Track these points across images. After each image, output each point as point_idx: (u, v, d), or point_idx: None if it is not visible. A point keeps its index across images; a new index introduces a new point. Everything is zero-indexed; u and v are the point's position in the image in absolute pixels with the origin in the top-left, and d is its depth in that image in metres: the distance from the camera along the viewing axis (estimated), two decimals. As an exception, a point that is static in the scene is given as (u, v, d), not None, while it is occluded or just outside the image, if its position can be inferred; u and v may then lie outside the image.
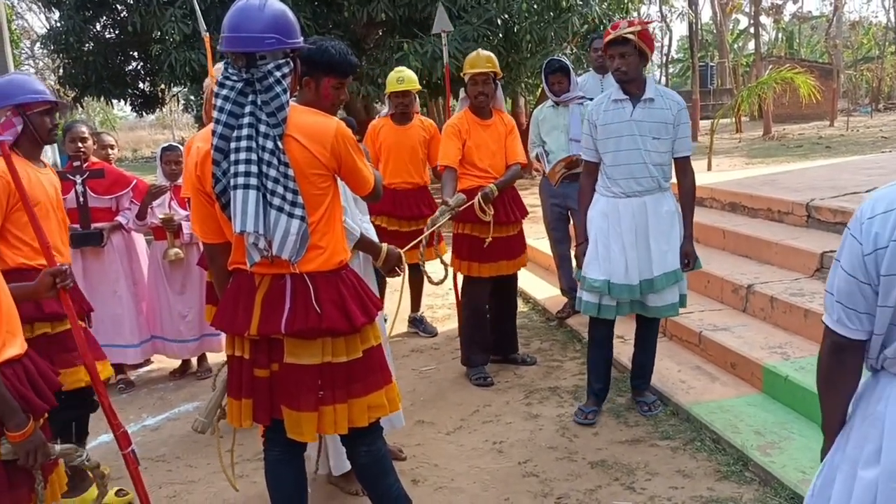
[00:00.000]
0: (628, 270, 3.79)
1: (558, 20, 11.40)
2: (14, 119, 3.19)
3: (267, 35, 2.36)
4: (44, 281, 2.66)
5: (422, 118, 5.60)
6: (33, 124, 3.23)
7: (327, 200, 2.50)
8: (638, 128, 3.74)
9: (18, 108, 3.19)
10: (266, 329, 2.45)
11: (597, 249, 3.85)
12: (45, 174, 3.37)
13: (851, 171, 7.46)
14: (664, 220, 3.82)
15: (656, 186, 3.80)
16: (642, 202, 3.79)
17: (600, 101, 3.89)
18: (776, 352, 4.13)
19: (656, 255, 3.79)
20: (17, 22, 29.46)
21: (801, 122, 29.87)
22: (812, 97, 13.84)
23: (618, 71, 3.73)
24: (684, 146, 3.85)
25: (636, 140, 3.74)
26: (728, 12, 35.23)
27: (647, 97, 3.76)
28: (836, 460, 1.79)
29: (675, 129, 3.78)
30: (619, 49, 3.69)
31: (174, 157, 5.04)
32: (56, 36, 13.72)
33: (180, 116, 42.25)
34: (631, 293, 3.82)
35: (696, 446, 3.65)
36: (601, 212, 3.86)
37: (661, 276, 3.81)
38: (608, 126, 3.79)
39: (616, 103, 3.80)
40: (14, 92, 3.20)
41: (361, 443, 2.68)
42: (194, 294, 5.11)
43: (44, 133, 3.28)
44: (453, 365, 5.11)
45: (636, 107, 3.76)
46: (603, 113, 3.82)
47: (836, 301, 1.69)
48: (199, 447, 4.02)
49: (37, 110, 3.22)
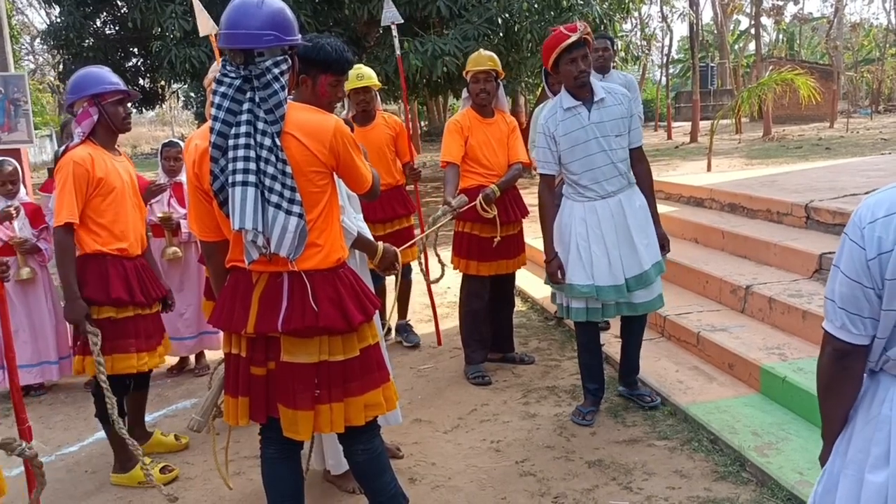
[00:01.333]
0: (612, 270, 3.81)
1: (559, 19, 11.41)
2: (90, 109, 3.43)
3: (265, 32, 2.35)
4: None
5: (384, 115, 5.29)
6: (107, 113, 3.46)
7: (325, 198, 2.49)
8: (599, 129, 3.77)
9: (94, 99, 3.42)
10: (263, 327, 2.45)
11: (579, 255, 3.84)
12: (121, 162, 3.61)
13: (851, 172, 7.46)
14: (640, 215, 3.87)
15: (626, 183, 3.86)
16: (618, 200, 3.83)
17: (552, 113, 3.86)
18: (774, 353, 4.13)
19: (641, 248, 3.83)
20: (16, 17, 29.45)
21: (801, 123, 29.90)
22: (812, 98, 13.82)
23: (582, 73, 3.72)
24: (637, 136, 3.92)
25: (600, 142, 3.77)
26: (729, 13, 35.24)
27: (598, 98, 3.79)
28: (836, 466, 1.78)
29: (630, 120, 3.84)
30: (581, 51, 3.71)
31: (174, 154, 5.04)
32: (56, 32, 13.73)
33: (180, 113, 42.25)
34: (617, 293, 3.83)
35: (694, 446, 3.65)
36: (579, 218, 3.85)
37: (652, 267, 3.86)
38: (569, 135, 3.79)
39: (570, 111, 3.80)
40: (89, 83, 3.43)
41: (358, 440, 2.68)
42: (192, 292, 5.11)
43: (117, 121, 3.50)
44: (451, 363, 5.11)
45: (591, 110, 3.78)
46: (560, 123, 3.81)
47: (839, 307, 1.67)
48: (195, 444, 4.02)
49: (110, 100, 3.45)
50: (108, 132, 3.52)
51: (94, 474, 3.84)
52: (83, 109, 3.45)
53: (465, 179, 4.62)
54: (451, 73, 11.15)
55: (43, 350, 5.00)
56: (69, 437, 4.33)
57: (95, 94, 3.42)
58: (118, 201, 3.51)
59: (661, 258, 3.93)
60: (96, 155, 3.46)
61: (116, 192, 3.50)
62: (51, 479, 3.78)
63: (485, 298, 4.77)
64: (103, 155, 3.50)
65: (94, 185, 3.43)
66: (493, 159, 4.61)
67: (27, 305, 4.97)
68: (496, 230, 4.51)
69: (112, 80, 3.49)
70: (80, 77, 3.48)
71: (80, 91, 3.44)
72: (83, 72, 3.53)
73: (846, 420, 1.78)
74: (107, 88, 3.44)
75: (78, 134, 3.48)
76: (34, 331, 4.97)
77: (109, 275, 3.46)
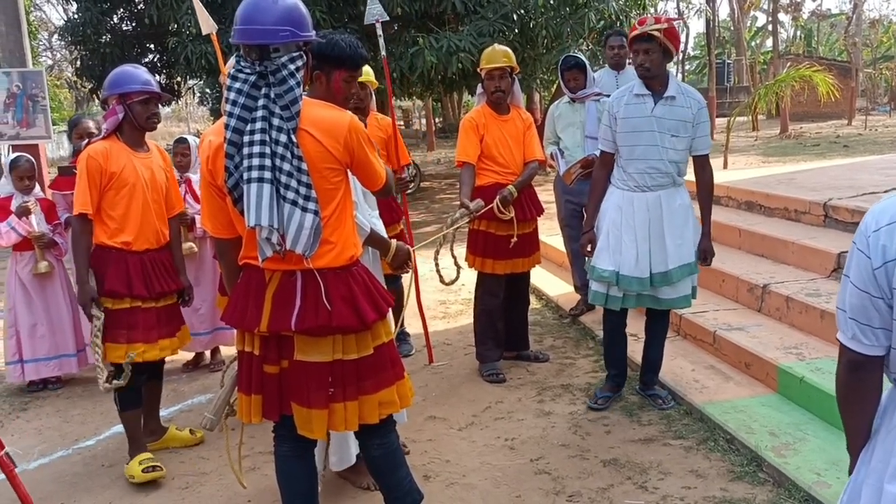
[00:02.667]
0: (639, 263, 3.84)
1: (574, 16, 11.36)
2: (117, 107, 3.56)
3: (280, 27, 2.35)
4: None
5: (377, 116, 5.14)
6: (132, 112, 3.58)
7: (339, 195, 2.49)
8: (658, 124, 3.77)
9: (121, 97, 3.55)
10: (276, 326, 2.44)
11: (608, 241, 3.90)
12: (144, 159, 3.70)
13: (869, 170, 7.39)
14: (678, 214, 3.86)
15: (671, 182, 3.85)
16: (657, 196, 3.83)
17: (622, 94, 3.90)
18: (791, 352, 4.10)
19: (671, 248, 3.83)
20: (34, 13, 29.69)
21: (819, 120, 29.64)
22: (830, 96, 13.70)
23: (641, 67, 3.76)
24: (703, 144, 3.88)
25: (655, 136, 3.77)
26: (746, 9, 34.99)
27: (668, 94, 3.79)
28: (860, 476, 1.75)
29: (695, 127, 3.82)
30: (644, 45, 3.72)
31: (181, 150, 5.09)
32: (73, 28, 13.82)
33: (196, 109, 42.45)
34: (640, 286, 3.86)
35: (710, 446, 3.63)
36: (615, 204, 3.90)
37: (677, 268, 3.84)
38: (628, 120, 3.81)
39: (638, 98, 3.82)
40: (118, 82, 3.57)
41: (375, 435, 2.67)
42: (207, 287, 5.13)
43: (141, 120, 3.60)
44: (465, 361, 5.10)
45: (657, 103, 3.79)
46: (624, 106, 3.84)
47: (850, 318, 1.63)
48: (211, 439, 4.03)
49: (136, 100, 3.56)
50: (133, 129, 3.63)
51: (110, 468, 3.86)
52: (111, 106, 3.59)
53: (481, 177, 4.60)
54: (465, 70, 11.11)
55: (61, 343, 5.04)
56: (86, 431, 4.36)
57: (122, 94, 3.55)
58: (132, 196, 3.61)
59: (692, 260, 3.89)
60: (114, 150, 3.57)
61: (130, 187, 3.60)
62: (68, 473, 3.83)
63: (500, 296, 4.75)
64: (123, 150, 3.61)
65: (107, 178, 3.55)
66: (508, 157, 4.59)
67: (45, 299, 5.01)
68: (512, 229, 4.50)
69: (141, 80, 3.60)
70: (113, 75, 3.62)
71: (110, 88, 3.57)
72: (118, 70, 3.66)
73: (869, 431, 1.75)
74: (133, 88, 3.55)
75: (104, 129, 3.64)
76: (52, 324, 5.02)
77: (108, 266, 3.58)
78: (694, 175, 3.94)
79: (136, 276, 3.61)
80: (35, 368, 5.00)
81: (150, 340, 3.66)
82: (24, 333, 4.99)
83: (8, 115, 8.21)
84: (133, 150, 3.65)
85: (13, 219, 4.82)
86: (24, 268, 4.98)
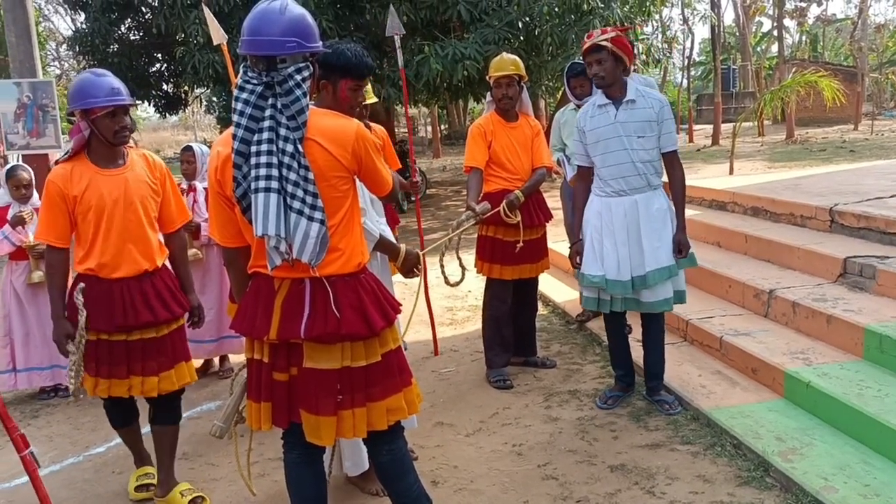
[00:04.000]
0: (620, 267, 3.96)
1: (579, 23, 11.39)
2: (81, 123, 3.19)
3: (288, 38, 2.37)
4: None
5: (372, 125, 5.35)
6: (97, 128, 3.19)
7: (347, 203, 2.51)
8: (623, 129, 3.92)
9: (84, 113, 3.17)
10: (285, 334, 2.46)
11: (593, 247, 4.04)
12: (116, 175, 3.28)
13: (876, 175, 7.39)
14: (656, 218, 3.96)
15: (646, 184, 3.97)
16: (633, 200, 3.96)
17: (586, 109, 4.09)
18: (798, 357, 4.10)
19: (648, 251, 3.93)
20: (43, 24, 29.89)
21: (825, 125, 29.58)
22: (836, 101, 13.69)
23: (596, 76, 3.95)
24: (669, 141, 4.02)
25: (622, 141, 3.92)
26: (751, 15, 34.99)
27: (628, 99, 3.94)
28: None
29: (659, 125, 3.95)
30: (595, 56, 3.92)
31: (186, 157, 5.14)
32: (82, 38, 13.90)
33: (203, 117, 42.61)
34: (623, 289, 3.98)
35: (717, 451, 3.64)
36: (596, 211, 4.06)
37: (654, 271, 3.93)
38: (595, 130, 3.98)
39: (601, 108, 3.99)
40: (80, 94, 3.17)
41: (383, 441, 2.69)
42: (213, 294, 5.15)
43: (109, 135, 3.21)
44: (473, 367, 5.12)
45: (619, 109, 3.94)
46: (589, 119, 4.02)
47: None
48: (220, 445, 4.06)
49: (101, 114, 3.17)
50: (102, 145, 3.24)
51: (120, 475, 3.89)
52: (76, 122, 3.23)
53: (489, 183, 4.63)
54: (471, 77, 11.16)
55: (55, 353, 5.01)
56: (96, 438, 4.39)
57: (85, 109, 3.16)
58: (98, 220, 3.23)
59: (670, 263, 3.97)
60: (76, 171, 3.22)
61: (95, 210, 3.21)
62: (78, 479, 3.86)
63: (508, 302, 4.77)
64: (88, 170, 3.22)
65: (71, 203, 3.20)
66: (516, 163, 4.62)
67: (39, 309, 5.01)
68: (519, 234, 4.52)
69: (105, 91, 3.18)
70: (75, 85, 3.23)
71: (72, 102, 3.20)
72: (80, 80, 3.25)
73: None
74: (96, 102, 3.15)
75: (66, 150, 3.30)
76: (45, 334, 5.00)
77: (70, 296, 3.28)
78: (665, 173, 4.06)
79: (99, 307, 3.23)
80: (28, 377, 5.03)
81: (117, 376, 3.29)
82: (18, 342, 5.01)
83: (18, 125, 8.27)
84: (102, 168, 3.25)
85: (7, 228, 4.86)
86: (18, 277, 5.01)
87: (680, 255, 4.00)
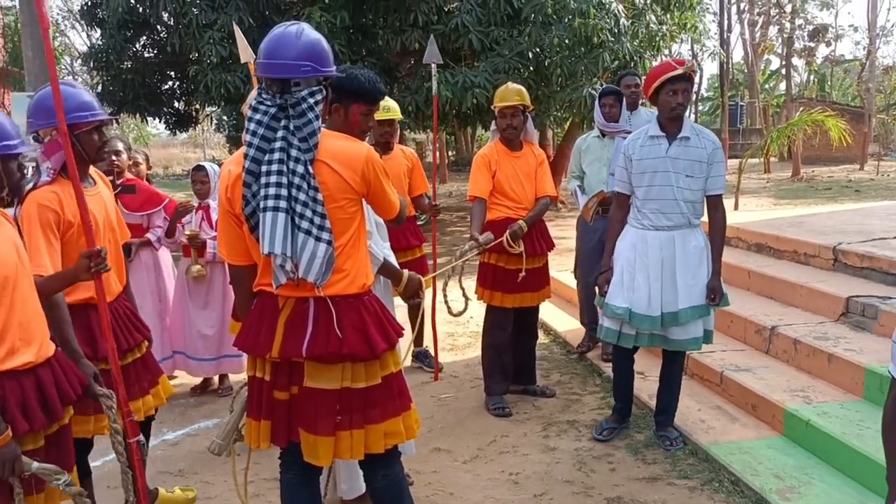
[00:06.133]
0: (651, 301, 3.85)
1: (589, 55, 11.48)
2: (60, 140, 2.73)
3: (302, 63, 2.42)
4: (80, 263, 2.67)
5: (402, 147, 5.45)
6: (82, 144, 2.91)
7: (354, 224, 2.54)
8: (673, 165, 3.83)
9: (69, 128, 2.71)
10: (288, 352, 2.48)
11: (622, 278, 3.93)
12: (94, 194, 3.06)
13: (880, 215, 7.40)
14: (692, 255, 3.87)
15: (686, 223, 3.88)
16: (671, 236, 3.86)
17: (637, 136, 3.98)
18: (798, 395, 4.09)
19: (682, 288, 3.84)
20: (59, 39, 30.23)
21: (831, 164, 29.62)
22: (843, 140, 13.73)
23: (680, 106, 3.81)
24: (717, 184, 3.92)
25: (670, 177, 3.82)
26: (760, 53, 35.22)
27: (683, 135, 3.85)
28: None
29: (709, 167, 3.86)
30: (683, 85, 3.78)
31: (199, 178, 5.16)
32: (97, 54, 14.06)
33: (212, 136, 42.89)
34: (652, 325, 3.87)
35: (714, 487, 3.62)
36: (630, 242, 3.95)
37: (687, 308, 3.85)
38: (643, 161, 3.88)
39: (653, 139, 3.89)
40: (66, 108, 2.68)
41: (379, 466, 2.69)
42: (216, 311, 5.16)
43: (93, 153, 2.99)
44: (472, 393, 5.11)
45: (672, 144, 3.85)
46: (640, 148, 3.91)
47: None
48: (216, 464, 4.05)
49: (85, 129, 2.92)
50: (80, 163, 2.84)
51: (116, 489, 3.87)
52: (51, 139, 2.87)
53: (493, 212, 4.65)
54: (480, 105, 11.24)
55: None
56: (92, 453, 4.36)
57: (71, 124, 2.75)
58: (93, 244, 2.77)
59: (703, 302, 3.89)
60: (65, 194, 2.86)
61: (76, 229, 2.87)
62: (73, 493, 3.84)
63: (508, 330, 4.77)
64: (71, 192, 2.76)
65: (65, 229, 2.87)
66: (520, 193, 4.64)
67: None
68: (521, 263, 4.53)
69: (87, 105, 2.92)
70: (46, 100, 2.79)
71: (48, 118, 2.79)
72: (48, 92, 2.78)
73: None
74: (82, 118, 2.89)
75: (46, 170, 2.89)
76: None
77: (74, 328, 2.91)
78: (707, 215, 3.99)
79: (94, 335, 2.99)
80: None
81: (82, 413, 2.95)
82: None
83: (31, 137, 8.36)
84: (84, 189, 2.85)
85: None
86: None
87: (712, 303, 3.90)
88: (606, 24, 11.31)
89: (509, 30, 11.68)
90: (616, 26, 11.59)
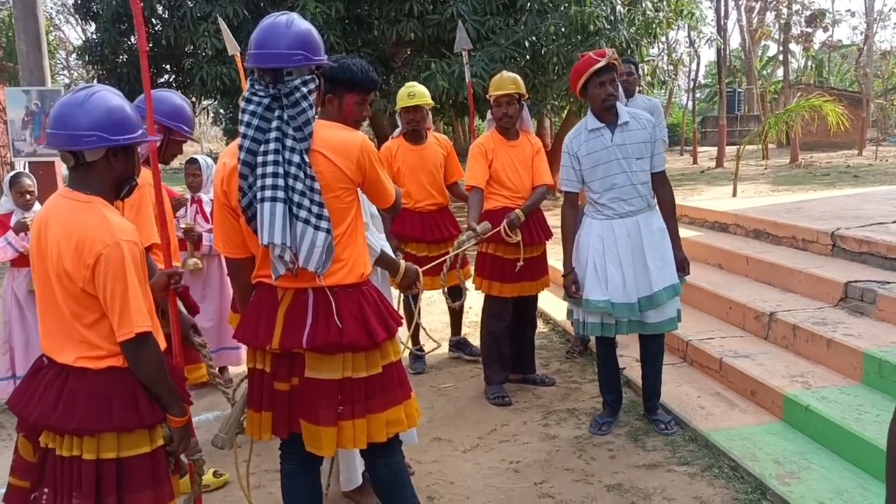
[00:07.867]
0: (626, 289, 3.91)
1: (585, 43, 11.43)
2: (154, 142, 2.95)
3: (294, 51, 2.42)
4: (160, 280, 2.72)
5: (436, 135, 5.31)
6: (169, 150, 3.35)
7: (351, 214, 2.54)
8: (620, 151, 3.90)
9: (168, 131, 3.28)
10: (288, 343, 2.48)
11: (595, 271, 3.96)
12: None
13: (878, 200, 7.41)
14: (657, 237, 3.95)
15: (646, 205, 3.96)
16: (635, 221, 3.93)
17: (577, 133, 4.03)
18: (797, 381, 4.10)
19: (654, 271, 3.91)
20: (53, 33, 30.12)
21: (829, 150, 29.64)
22: (841, 126, 13.71)
23: (611, 97, 3.88)
24: (660, 161, 4.04)
25: (621, 163, 3.90)
26: (757, 39, 35.13)
27: (622, 121, 3.93)
28: None
29: (653, 145, 3.96)
30: (609, 75, 3.86)
31: (192, 170, 5.15)
32: (91, 48, 14.01)
33: (209, 129, 42.79)
34: (631, 311, 3.92)
35: (714, 473, 3.63)
36: (597, 235, 3.98)
37: (662, 290, 3.91)
38: (591, 155, 3.94)
39: (594, 132, 3.95)
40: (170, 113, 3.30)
41: (381, 455, 2.70)
42: (213, 305, 5.15)
43: (169, 158, 3.38)
44: (472, 383, 5.12)
45: (615, 133, 3.92)
46: (584, 143, 3.97)
47: None
48: (217, 456, 4.04)
49: (179, 138, 3.36)
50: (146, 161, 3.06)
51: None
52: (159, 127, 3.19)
53: (490, 201, 4.65)
54: (477, 95, 11.22)
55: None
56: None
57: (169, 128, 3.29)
58: None
59: (676, 281, 3.97)
60: None
61: None
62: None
63: (506, 319, 4.78)
64: None
65: None
66: (517, 181, 4.64)
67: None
68: (519, 252, 4.53)
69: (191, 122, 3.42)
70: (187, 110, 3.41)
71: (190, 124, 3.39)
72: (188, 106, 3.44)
73: None
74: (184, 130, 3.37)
75: None
76: None
77: None
78: (655, 193, 4.03)
79: None
80: None
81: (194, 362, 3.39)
82: (19, 349, 4.99)
83: (26, 132, 8.33)
84: None
85: (10, 234, 4.87)
86: (20, 284, 5.00)
87: (683, 273, 4.00)
88: (602, 11, 11.29)
89: (505, 19, 11.65)
90: (612, 14, 11.57)
